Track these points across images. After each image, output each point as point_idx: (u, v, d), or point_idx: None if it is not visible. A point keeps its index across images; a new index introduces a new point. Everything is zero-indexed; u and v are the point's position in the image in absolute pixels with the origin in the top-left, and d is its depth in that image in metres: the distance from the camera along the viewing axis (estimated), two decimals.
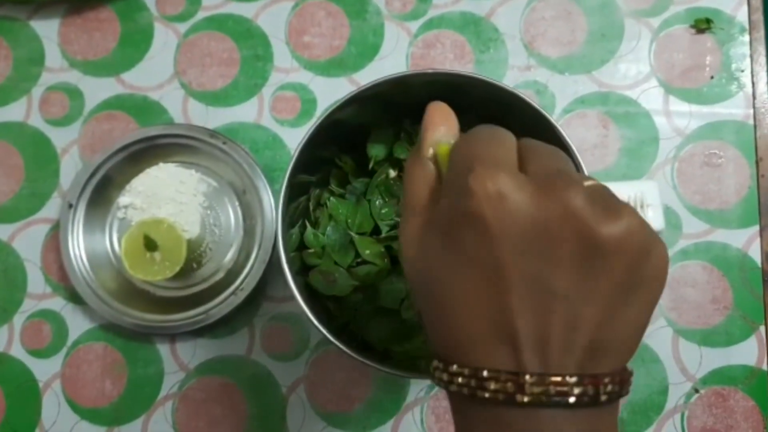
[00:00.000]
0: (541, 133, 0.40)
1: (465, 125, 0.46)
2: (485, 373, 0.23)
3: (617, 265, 0.23)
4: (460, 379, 0.24)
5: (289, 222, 0.43)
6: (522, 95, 0.39)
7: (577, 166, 0.38)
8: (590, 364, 0.24)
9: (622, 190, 0.39)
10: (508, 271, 0.23)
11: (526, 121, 0.41)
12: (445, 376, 0.25)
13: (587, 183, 0.24)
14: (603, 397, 0.24)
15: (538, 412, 0.23)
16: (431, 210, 0.26)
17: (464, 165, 0.25)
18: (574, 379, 0.23)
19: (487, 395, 0.23)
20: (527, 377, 0.23)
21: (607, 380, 0.24)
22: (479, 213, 0.23)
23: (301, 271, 0.44)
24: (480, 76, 0.39)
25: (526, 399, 0.23)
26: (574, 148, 0.38)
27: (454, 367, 0.24)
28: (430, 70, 0.40)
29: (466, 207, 0.23)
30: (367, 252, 0.43)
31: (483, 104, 0.42)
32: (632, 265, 0.24)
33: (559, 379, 0.23)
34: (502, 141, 0.26)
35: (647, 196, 0.39)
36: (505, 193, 0.23)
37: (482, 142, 0.26)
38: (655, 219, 0.39)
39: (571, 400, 0.23)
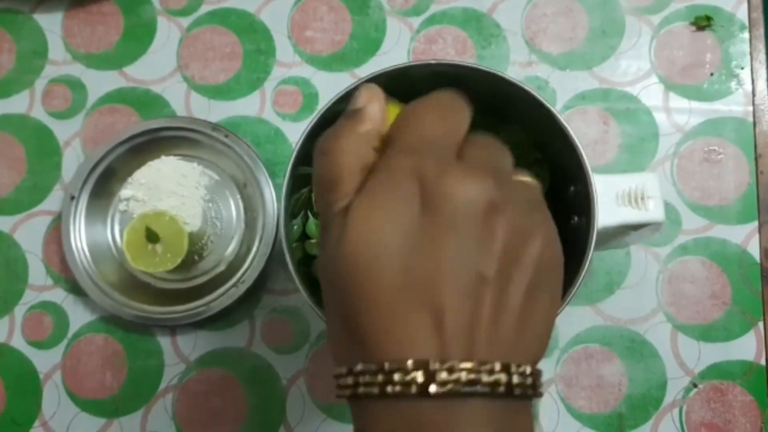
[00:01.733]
0: (545, 125, 0.40)
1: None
2: (387, 366, 0.22)
3: (535, 257, 0.24)
4: (366, 378, 0.22)
5: (291, 213, 0.43)
6: (525, 86, 0.39)
7: (581, 160, 0.38)
8: (505, 355, 0.23)
9: (623, 182, 0.40)
10: (445, 247, 0.23)
11: (529, 113, 0.41)
12: (350, 380, 0.23)
13: (521, 178, 0.26)
14: (516, 390, 0.22)
15: (452, 403, 0.22)
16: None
17: (406, 143, 0.25)
18: (487, 366, 0.22)
19: (397, 389, 0.22)
20: (438, 365, 0.22)
21: (521, 370, 0.23)
22: (412, 189, 0.23)
23: (303, 261, 0.44)
24: (483, 67, 0.39)
25: (439, 390, 0.21)
26: (577, 140, 0.38)
27: (359, 366, 0.22)
28: (432, 61, 0.40)
29: (402, 184, 0.23)
30: None
31: (486, 96, 0.43)
32: (543, 261, 0.24)
33: (470, 365, 0.22)
34: (446, 120, 0.26)
35: (648, 188, 0.39)
36: (436, 174, 0.23)
37: (421, 125, 0.26)
38: (655, 210, 0.39)
39: (483, 389, 0.22)
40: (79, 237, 0.53)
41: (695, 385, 0.51)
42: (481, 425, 0.22)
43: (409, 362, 0.22)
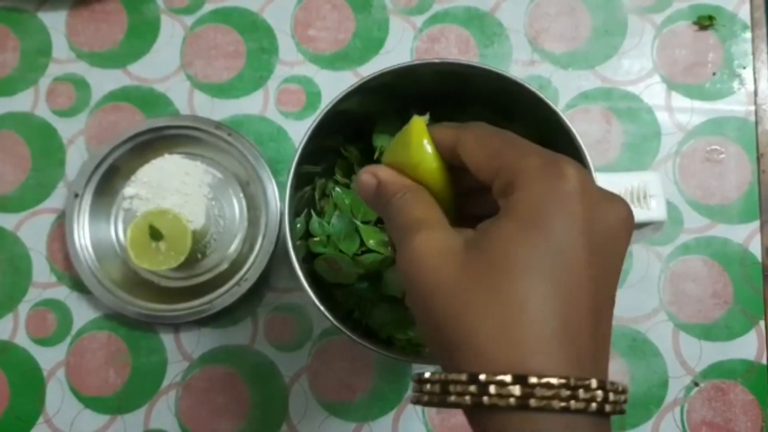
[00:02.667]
0: (548, 125, 0.40)
1: (470, 116, 0.46)
2: (538, 380, 0.22)
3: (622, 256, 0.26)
4: (496, 389, 0.22)
5: (294, 211, 0.43)
6: (529, 86, 0.39)
7: (584, 160, 0.38)
8: (603, 373, 0.24)
9: (625, 180, 0.40)
10: (586, 267, 0.23)
11: (532, 113, 0.41)
12: (494, 389, 0.22)
13: None
14: (607, 407, 0.23)
15: (549, 417, 0.22)
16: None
17: (545, 154, 0.25)
18: (584, 383, 0.22)
19: (493, 401, 0.22)
20: (594, 383, 0.22)
21: (615, 387, 0.23)
22: (574, 198, 0.23)
23: (306, 259, 0.44)
24: (487, 66, 0.39)
25: (537, 404, 0.22)
26: (580, 139, 0.38)
27: (508, 377, 0.22)
28: (437, 60, 0.40)
29: (561, 191, 0.23)
30: (372, 241, 0.44)
31: (489, 95, 0.43)
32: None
33: (608, 387, 0.22)
34: None
35: (650, 187, 0.39)
36: (590, 185, 0.24)
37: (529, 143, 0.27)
38: (657, 209, 0.39)
39: (578, 405, 0.22)
40: (83, 235, 0.54)
41: (696, 384, 0.52)
42: None
43: (508, 377, 0.22)
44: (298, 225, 0.44)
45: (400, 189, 0.28)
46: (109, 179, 0.55)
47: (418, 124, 0.29)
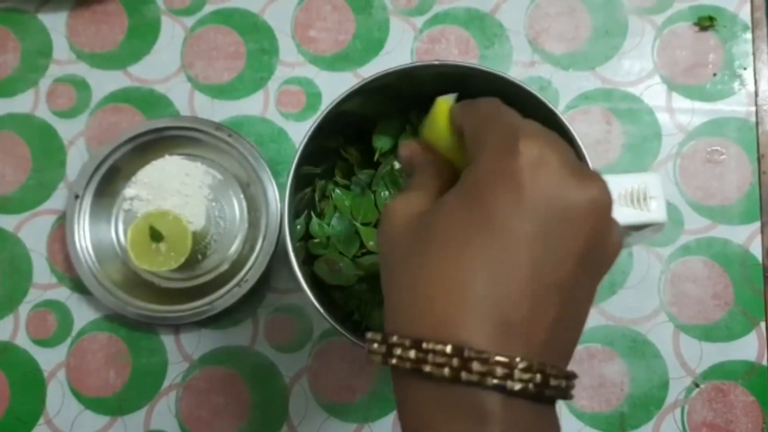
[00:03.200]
0: (546, 124, 0.40)
1: None
2: (471, 353, 0.22)
3: (604, 269, 0.25)
4: (436, 358, 0.22)
5: (294, 213, 0.43)
6: (528, 88, 0.39)
7: (582, 157, 0.38)
8: (559, 363, 0.23)
9: (625, 182, 0.40)
10: (525, 247, 0.23)
11: (531, 114, 0.41)
12: (412, 354, 0.23)
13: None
14: (548, 392, 0.22)
15: (481, 392, 0.22)
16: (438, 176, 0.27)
17: (508, 129, 0.24)
18: (553, 371, 0.22)
19: (428, 368, 0.22)
20: (518, 361, 0.22)
21: (553, 372, 0.23)
22: (521, 176, 0.23)
23: (306, 260, 0.44)
24: (486, 68, 0.40)
25: (471, 378, 0.22)
26: (580, 141, 0.38)
27: (431, 344, 0.22)
28: (436, 62, 0.40)
29: (509, 167, 0.23)
30: (372, 242, 0.44)
31: (488, 96, 0.43)
32: (605, 273, 0.25)
33: (542, 370, 0.22)
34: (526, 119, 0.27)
35: (650, 188, 0.39)
36: (550, 162, 0.23)
37: (517, 116, 0.26)
38: (658, 210, 0.39)
39: (516, 386, 0.22)
40: (84, 236, 0.54)
41: (697, 385, 0.51)
42: (508, 422, 0.22)
43: (448, 347, 0.22)
44: (298, 226, 0.44)
45: (423, 161, 0.30)
46: (109, 180, 0.55)
47: (441, 104, 0.30)
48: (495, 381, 0.22)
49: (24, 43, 0.58)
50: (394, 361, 0.23)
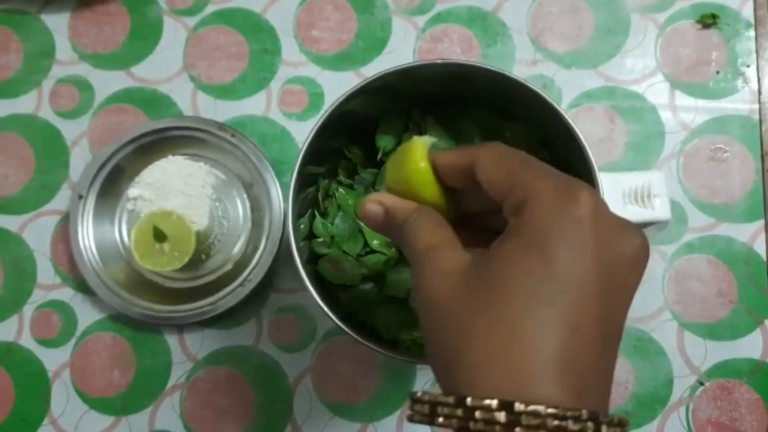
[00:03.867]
0: (551, 125, 0.40)
1: (473, 117, 0.46)
2: (549, 411, 0.21)
3: (633, 291, 0.25)
4: (523, 420, 0.21)
5: (298, 212, 0.43)
6: (532, 86, 0.39)
7: (588, 159, 0.38)
8: (599, 403, 0.23)
9: (629, 180, 0.40)
10: (595, 296, 0.22)
11: (535, 113, 0.41)
12: (501, 417, 0.21)
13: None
14: None
15: None
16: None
17: (562, 180, 0.24)
18: (575, 414, 0.21)
19: (479, 426, 0.21)
20: (522, 406, 0.21)
21: (609, 419, 0.22)
22: (585, 225, 0.23)
23: (310, 260, 0.44)
24: (489, 66, 0.39)
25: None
26: (583, 139, 0.38)
27: (517, 404, 0.21)
28: (439, 61, 0.40)
29: (572, 217, 0.23)
30: (375, 242, 0.44)
31: (492, 95, 0.43)
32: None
33: (555, 411, 0.21)
34: None
35: (654, 186, 0.39)
36: (605, 213, 0.23)
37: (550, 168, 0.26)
38: (662, 208, 0.39)
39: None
40: (87, 236, 0.54)
41: (702, 384, 0.51)
42: None
43: (494, 402, 0.21)
44: (302, 226, 0.44)
45: (409, 214, 0.29)
46: (112, 181, 0.55)
47: (418, 146, 0.29)
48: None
49: (26, 44, 0.58)
50: (478, 426, 0.22)
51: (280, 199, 0.53)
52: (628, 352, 0.52)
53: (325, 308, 0.37)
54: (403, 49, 0.56)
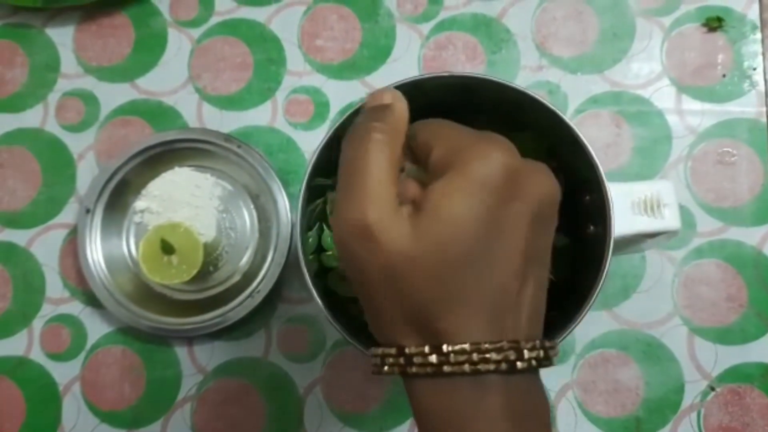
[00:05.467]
0: (557, 133, 0.40)
1: (479, 127, 0.46)
2: (486, 346, 0.24)
3: (551, 220, 0.27)
4: (454, 357, 0.24)
5: (306, 225, 0.43)
6: (536, 95, 0.39)
7: (594, 166, 0.38)
8: (519, 331, 0.26)
9: (638, 190, 0.40)
10: (521, 230, 0.25)
11: (540, 122, 0.41)
12: (432, 359, 0.25)
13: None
14: (520, 364, 0.24)
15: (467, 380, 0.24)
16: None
17: (470, 138, 0.27)
18: (549, 344, 0.26)
19: (413, 370, 0.25)
20: (523, 343, 0.25)
21: (530, 345, 0.25)
22: (501, 174, 0.25)
23: (319, 273, 0.44)
24: (492, 78, 0.39)
25: (488, 367, 0.24)
26: (590, 147, 0.38)
27: (445, 347, 0.24)
28: (445, 74, 0.40)
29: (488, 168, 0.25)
30: None
31: (496, 105, 0.43)
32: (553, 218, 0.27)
33: (543, 345, 0.25)
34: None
35: (663, 196, 0.39)
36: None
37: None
38: (672, 218, 0.39)
39: (486, 366, 0.24)
40: (95, 249, 0.54)
41: (713, 389, 0.51)
42: (490, 398, 0.24)
43: (426, 348, 0.25)
44: (310, 239, 0.44)
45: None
46: (120, 193, 0.55)
47: None
48: (471, 367, 0.24)
49: (32, 58, 0.59)
50: (414, 369, 0.25)
51: (287, 209, 0.53)
52: (638, 357, 0.52)
53: (335, 325, 0.37)
54: (407, 57, 0.56)
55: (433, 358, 0.24)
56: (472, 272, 0.24)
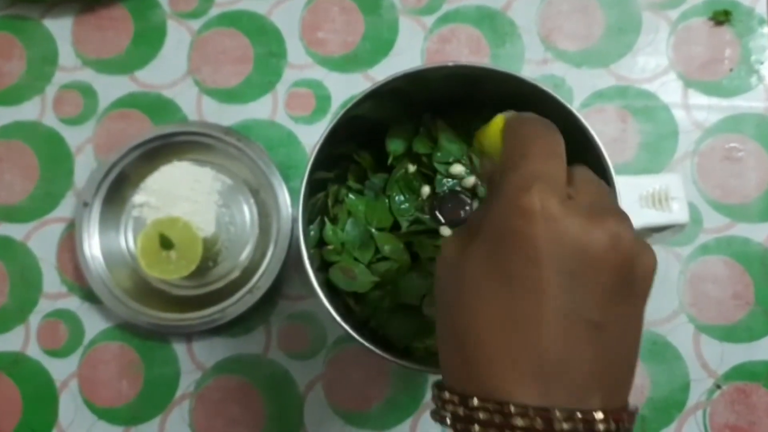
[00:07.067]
0: (563, 126, 0.39)
1: (484, 120, 0.45)
2: (512, 409, 0.22)
3: (642, 295, 0.25)
4: (481, 415, 0.23)
5: (307, 219, 0.43)
6: (543, 87, 0.38)
7: (603, 160, 0.37)
8: (610, 400, 0.24)
9: (647, 183, 0.39)
10: (549, 294, 0.23)
11: (547, 115, 0.40)
12: (461, 411, 0.23)
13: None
14: None
15: None
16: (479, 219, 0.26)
17: (519, 179, 0.24)
18: (600, 416, 0.22)
19: None
20: (557, 413, 0.22)
21: (625, 416, 0.23)
22: (530, 234, 0.23)
23: (321, 268, 0.43)
24: (501, 69, 0.39)
25: None
26: (598, 139, 0.38)
27: (475, 401, 0.23)
28: (450, 63, 0.39)
29: (517, 226, 0.23)
30: (387, 248, 0.43)
31: (502, 98, 0.42)
32: (645, 297, 0.25)
33: (584, 416, 0.22)
34: (558, 154, 0.26)
35: (672, 189, 0.39)
36: (557, 217, 0.23)
37: (541, 153, 0.26)
38: (680, 212, 0.38)
39: None
40: (93, 244, 0.53)
41: (719, 387, 0.51)
42: None
43: (531, 409, 0.22)
44: (312, 233, 0.44)
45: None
46: (118, 187, 0.54)
47: (498, 121, 0.30)
48: None
49: (29, 51, 0.58)
50: (477, 428, 0.23)
51: (287, 204, 0.52)
52: (643, 356, 0.51)
53: (339, 319, 0.36)
54: (410, 51, 0.56)
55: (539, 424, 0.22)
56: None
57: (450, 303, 0.25)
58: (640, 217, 0.38)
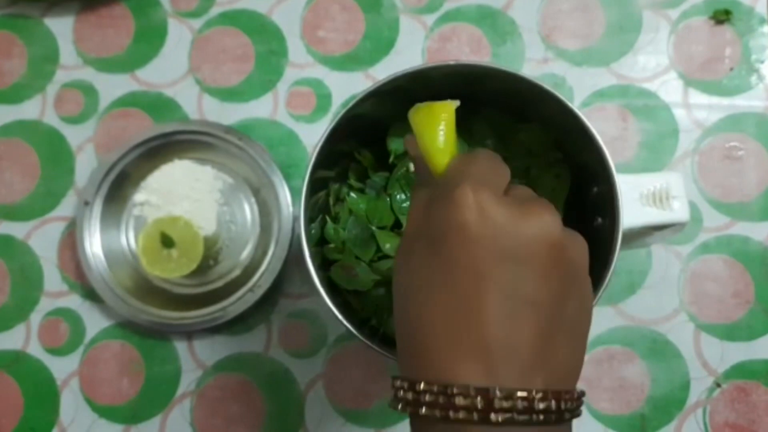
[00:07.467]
0: (564, 124, 0.39)
1: (485, 118, 0.46)
2: (455, 389, 0.23)
3: (582, 278, 0.26)
4: (427, 397, 0.23)
5: (308, 217, 0.43)
6: (545, 86, 0.38)
7: (604, 159, 0.37)
8: (555, 382, 0.24)
9: (648, 181, 0.39)
10: (488, 277, 0.24)
11: (548, 113, 0.40)
12: (410, 396, 0.24)
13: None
14: (566, 415, 0.24)
15: (508, 430, 0.23)
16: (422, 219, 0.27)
17: (455, 179, 0.26)
18: (540, 395, 0.23)
19: (459, 415, 0.23)
20: (498, 392, 0.23)
21: (567, 396, 0.24)
22: (463, 221, 0.24)
23: (322, 266, 0.44)
24: (500, 67, 0.39)
25: (499, 418, 0.23)
26: (598, 138, 0.38)
27: (422, 384, 0.24)
28: (452, 62, 0.39)
29: (452, 216, 0.25)
30: (388, 246, 0.43)
31: (503, 96, 0.42)
32: (581, 279, 0.27)
33: (526, 394, 0.23)
34: (496, 169, 0.28)
35: (672, 188, 0.39)
36: (488, 206, 0.24)
37: (477, 164, 0.27)
38: (680, 210, 0.38)
39: (540, 417, 0.23)
40: (94, 243, 0.53)
41: (719, 385, 0.51)
42: None
43: (472, 388, 0.23)
44: (313, 231, 0.44)
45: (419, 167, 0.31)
46: (119, 186, 0.54)
47: (448, 109, 0.30)
48: (521, 417, 0.23)
49: (30, 49, 0.58)
50: (423, 410, 0.24)
51: (288, 202, 0.52)
52: (643, 354, 0.51)
53: (340, 316, 0.36)
54: (411, 50, 0.56)
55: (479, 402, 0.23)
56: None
57: (401, 295, 0.26)
58: (641, 215, 0.38)
